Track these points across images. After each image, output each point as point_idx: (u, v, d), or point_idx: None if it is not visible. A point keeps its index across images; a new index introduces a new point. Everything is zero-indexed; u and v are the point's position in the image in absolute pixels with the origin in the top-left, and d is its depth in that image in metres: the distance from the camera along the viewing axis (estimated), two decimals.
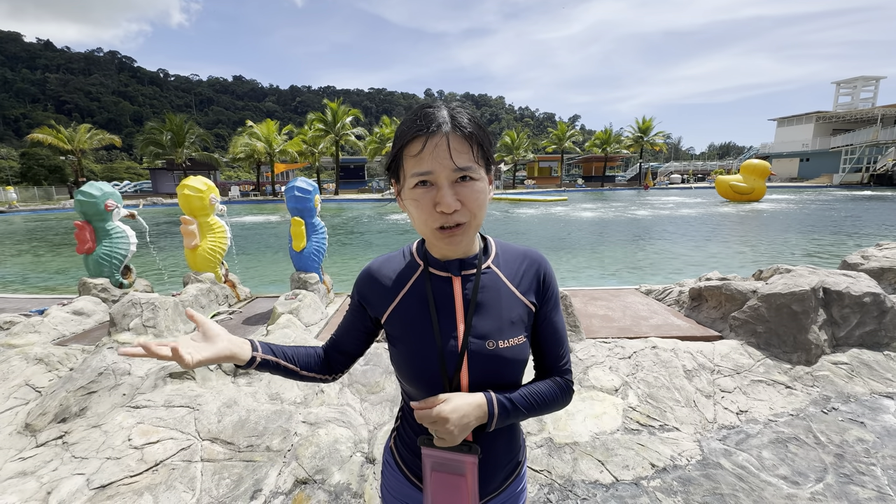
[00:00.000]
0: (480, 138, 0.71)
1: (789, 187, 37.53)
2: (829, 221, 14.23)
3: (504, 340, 0.78)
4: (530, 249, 0.88)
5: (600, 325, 3.43)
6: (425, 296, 0.80)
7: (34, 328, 3.53)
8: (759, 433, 2.23)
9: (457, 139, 0.69)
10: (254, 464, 1.99)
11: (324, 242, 4.66)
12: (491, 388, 0.79)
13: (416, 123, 0.69)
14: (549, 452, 2.08)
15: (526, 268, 0.84)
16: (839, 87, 50.11)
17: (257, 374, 2.67)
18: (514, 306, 0.81)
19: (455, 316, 0.79)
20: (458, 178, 0.70)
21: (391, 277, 0.84)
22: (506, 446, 0.86)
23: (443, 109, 0.70)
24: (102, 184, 4.74)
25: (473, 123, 0.71)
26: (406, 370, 0.80)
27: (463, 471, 0.77)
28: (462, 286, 0.80)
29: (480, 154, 0.71)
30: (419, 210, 0.71)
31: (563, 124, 48.66)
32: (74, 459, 1.99)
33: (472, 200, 0.71)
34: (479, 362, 0.78)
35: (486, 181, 0.74)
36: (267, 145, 34.45)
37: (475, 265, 0.81)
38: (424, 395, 0.79)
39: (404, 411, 0.90)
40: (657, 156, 66.61)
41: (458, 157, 0.68)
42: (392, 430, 0.95)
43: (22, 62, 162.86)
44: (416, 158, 0.69)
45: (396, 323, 0.82)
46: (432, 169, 0.68)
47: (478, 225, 0.75)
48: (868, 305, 2.91)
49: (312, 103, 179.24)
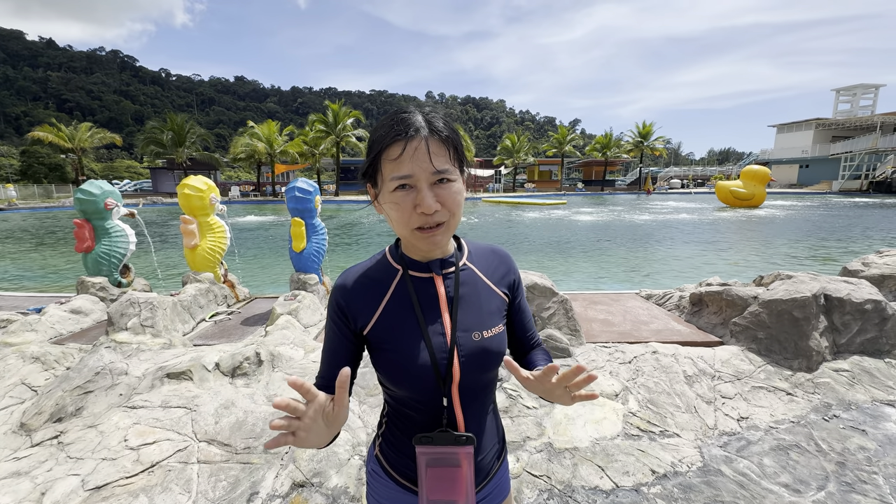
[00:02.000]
0: (455, 142, 0.74)
1: (789, 193, 37.62)
2: (829, 228, 14.25)
3: (487, 330, 0.83)
4: (496, 246, 0.95)
5: (600, 330, 3.42)
6: (409, 299, 0.81)
7: (31, 327, 3.51)
8: (760, 440, 2.21)
9: (435, 143, 0.71)
10: (251, 466, 1.97)
11: (324, 243, 4.64)
12: (478, 381, 0.84)
13: (395, 128, 0.71)
14: (548, 457, 2.07)
15: (497, 263, 0.91)
16: (839, 94, 50.30)
17: (255, 375, 2.66)
18: (492, 298, 0.87)
19: (441, 313, 0.81)
20: (437, 180, 0.72)
21: (371, 286, 0.83)
22: (492, 431, 0.91)
23: (418, 115, 0.72)
24: (102, 182, 4.73)
25: (448, 127, 0.74)
26: (397, 374, 0.81)
27: (458, 462, 0.79)
28: (444, 284, 0.83)
29: (456, 156, 0.74)
30: (399, 212, 0.73)
31: (564, 128, 48.80)
32: (69, 460, 1.97)
33: (451, 201, 0.73)
34: (468, 355, 0.81)
35: (461, 182, 0.77)
36: (268, 146, 34.50)
37: (454, 263, 0.85)
38: (416, 395, 0.81)
39: (390, 416, 0.89)
40: (657, 160, 66.79)
41: (436, 160, 0.71)
42: (375, 438, 0.94)
43: (24, 60, 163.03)
44: (395, 162, 0.71)
45: (383, 330, 0.81)
46: (412, 172, 0.70)
47: (455, 224, 0.78)
48: (869, 312, 2.90)
49: (314, 104, 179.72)
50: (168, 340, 3.26)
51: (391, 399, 0.88)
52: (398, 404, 0.85)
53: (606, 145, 46.60)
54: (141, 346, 3.07)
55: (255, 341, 3.21)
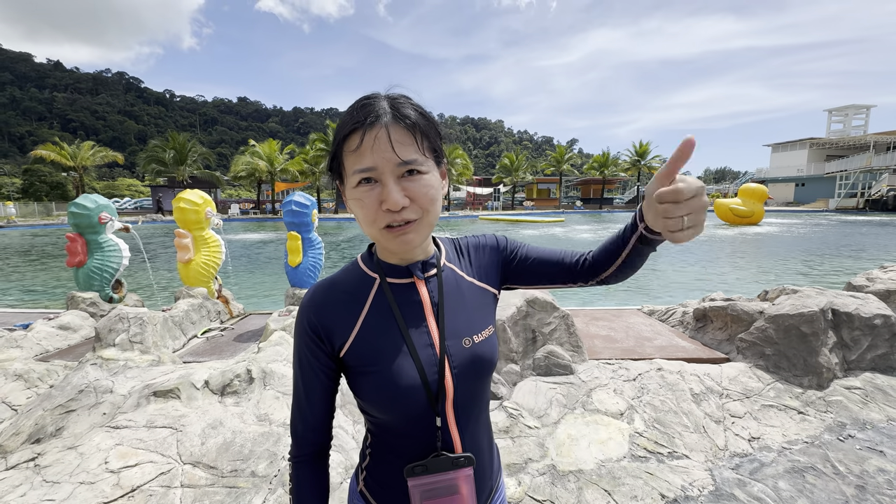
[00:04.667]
0: (425, 128, 0.66)
1: (786, 211, 37.82)
2: (828, 245, 14.24)
3: (478, 334, 0.76)
4: (465, 236, 0.87)
5: (603, 346, 3.33)
6: (390, 309, 0.73)
7: (16, 343, 3.41)
8: (774, 462, 2.11)
9: (398, 130, 0.63)
10: (237, 490, 1.86)
11: (320, 258, 4.58)
12: (473, 394, 0.75)
13: (353, 115, 0.63)
14: (552, 481, 1.96)
15: (473, 254, 0.84)
16: (831, 114, 51.21)
17: (246, 393, 2.55)
18: (477, 296, 0.80)
19: (426, 322, 0.73)
20: (405, 172, 0.64)
21: (345, 300, 0.74)
22: (489, 449, 0.83)
23: (382, 100, 0.64)
24: (97, 196, 4.69)
25: (417, 113, 0.65)
26: (381, 397, 0.70)
27: (457, 489, 0.70)
28: (427, 288, 0.75)
29: (427, 146, 0.66)
30: (364, 210, 0.65)
31: (562, 147, 49.43)
32: (45, 484, 1.86)
33: (422, 195, 0.65)
34: (460, 365, 0.73)
35: (436, 174, 0.68)
36: (268, 164, 34.78)
37: (436, 265, 0.77)
38: (403, 419, 0.71)
39: (375, 447, 0.78)
40: None
41: (400, 149, 0.62)
42: (358, 470, 0.83)
43: (31, 81, 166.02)
44: (355, 154, 0.63)
45: (362, 349, 0.71)
46: (374, 164, 0.62)
47: (430, 222, 0.69)
48: (879, 328, 2.83)
49: (315, 124, 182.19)
50: (157, 357, 3.16)
51: (375, 427, 0.76)
52: (384, 432, 0.75)
53: (604, 164, 47.10)
54: (128, 362, 2.97)
55: (246, 358, 3.11)
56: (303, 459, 0.77)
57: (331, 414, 0.79)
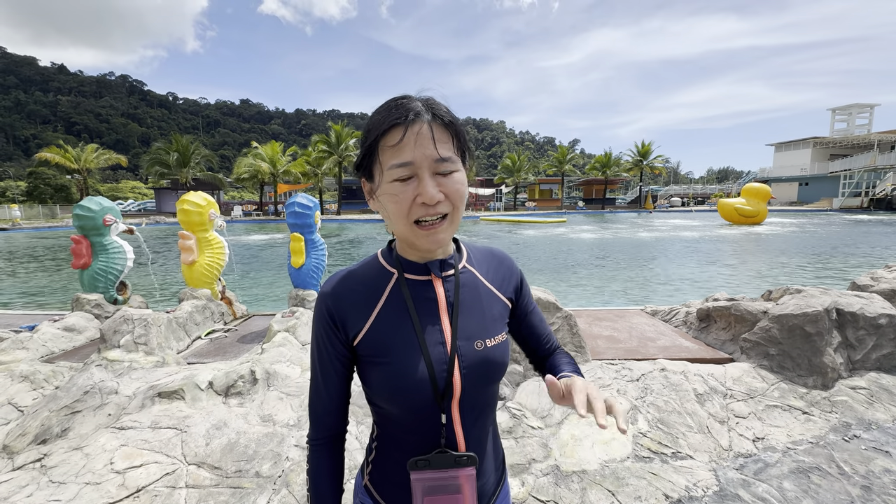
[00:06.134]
0: (459, 129, 0.69)
1: (789, 211, 37.66)
2: (832, 244, 14.17)
3: (490, 339, 0.76)
4: (495, 248, 0.89)
5: (606, 347, 3.32)
6: (405, 304, 0.74)
7: (22, 345, 3.43)
8: (779, 462, 2.10)
9: (438, 128, 0.66)
10: (241, 491, 1.87)
11: (323, 259, 4.59)
12: (480, 396, 0.76)
13: (392, 112, 0.65)
14: (555, 481, 1.96)
15: (497, 265, 0.85)
16: (835, 113, 50.95)
17: (250, 394, 2.56)
18: (494, 303, 0.81)
19: (440, 320, 0.75)
20: (440, 168, 0.66)
21: (363, 290, 0.76)
22: (493, 452, 0.84)
23: (417, 101, 0.67)
24: (101, 198, 4.72)
25: (450, 114, 0.69)
26: (390, 389, 0.72)
27: (458, 489, 0.71)
28: (444, 287, 0.76)
29: (458, 145, 0.69)
30: (398, 204, 0.66)
31: (564, 148, 49.36)
32: (52, 484, 1.87)
33: (454, 192, 0.68)
34: (470, 366, 0.74)
35: (464, 173, 0.71)
36: (271, 166, 34.89)
37: (453, 266, 0.79)
38: (410, 413, 0.73)
39: (381, 440, 0.80)
40: (657, 179, 67.31)
41: (440, 146, 0.65)
42: (364, 465, 0.85)
43: (35, 85, 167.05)
44: (395, 148, 0.65)
45: (375, 340, 0.73)
46: (414, 159, 0.64)
47: (458, 219, 0.71)
48: (884, 328, 2.81)
49: (317, 126, 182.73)
50: (161, 358, 3.18)
51: (382, 419, 0.79)
52: (390, 425, 0.77)
53: (606, 164, 46.97)
54: (133, 364, 2.99)
55: (250, 359, 3.12)
56: (321, 443, 0.80)
57: (347, 399, 0.81)
